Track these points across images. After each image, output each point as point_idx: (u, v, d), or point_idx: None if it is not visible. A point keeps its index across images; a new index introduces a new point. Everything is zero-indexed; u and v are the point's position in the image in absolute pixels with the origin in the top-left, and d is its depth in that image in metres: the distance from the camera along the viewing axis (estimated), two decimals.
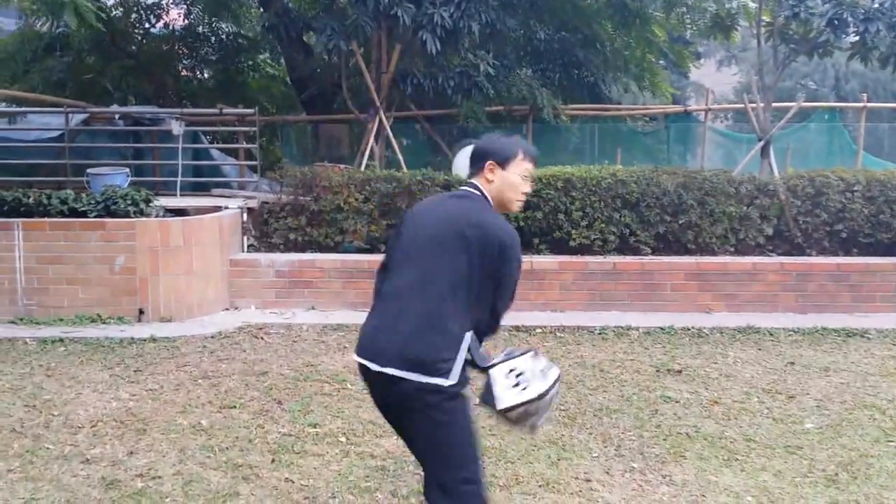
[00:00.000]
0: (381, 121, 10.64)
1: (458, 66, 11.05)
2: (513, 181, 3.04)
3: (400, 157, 10.56)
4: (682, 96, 18.78)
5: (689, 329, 7.58)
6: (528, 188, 3.08)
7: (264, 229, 9.07)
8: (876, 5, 9.48)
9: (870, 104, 12.25)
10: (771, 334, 7.46)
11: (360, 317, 9.00)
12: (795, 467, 4.38)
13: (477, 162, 3.09)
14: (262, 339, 7.14)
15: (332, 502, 3.86)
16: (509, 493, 3.96)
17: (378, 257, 8.38)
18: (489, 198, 3.04)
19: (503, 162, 3.04)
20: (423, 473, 2.89)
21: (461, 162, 9.62)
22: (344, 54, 11.37)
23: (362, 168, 10.01)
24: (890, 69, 9.89)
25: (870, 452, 4.60)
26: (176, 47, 15.87)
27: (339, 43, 10.20)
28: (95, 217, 7.88)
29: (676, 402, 5.48)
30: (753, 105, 9.87)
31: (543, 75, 13.37)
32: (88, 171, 9.48)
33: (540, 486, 4.06)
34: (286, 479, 4.11)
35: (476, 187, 3.06)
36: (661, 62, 16.03)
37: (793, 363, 6.52)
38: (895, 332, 7.59)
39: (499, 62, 11.40)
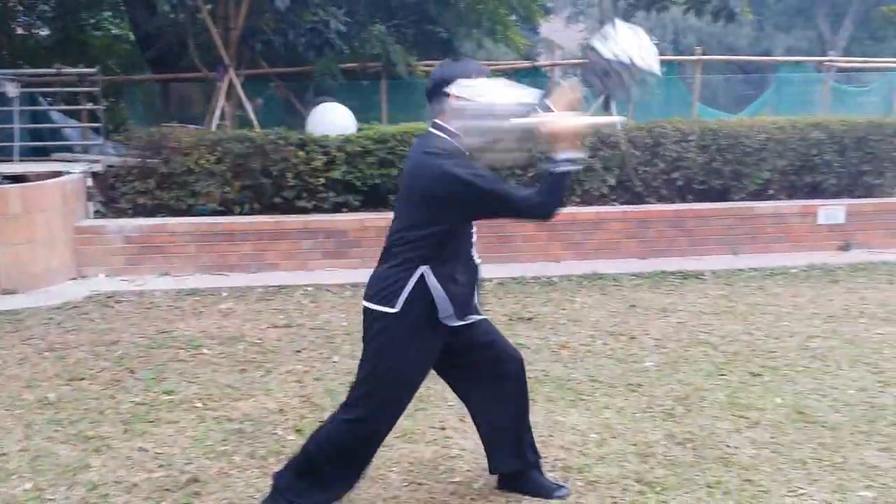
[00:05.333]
0: (231, 79, 10.37)
1: (309, 22, 10.87)
2: None
3: (252, 116, 10.35)
4: (532, 50, 19.07)
5: (539, 278, 7.87)
6: None
7: (111, 194, 8.74)
8: None
9: (704, 57, 12.83)
10: (615, 279, 7.85)
11: (216, 280, 8.71)
12: (636, 403, 4.63)
13: (436, 95, 3.01)
14: (112, 307, 6.94)
15: (188, 468, 3.83)
16: None
17: (234, 219, 8.32)
18: (452, 129, 2.98)
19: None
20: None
21: (316, 118, 9.52)
22: (190, 10, 10.98)
23: (213, 128, 9.77)
24: (722, 23, 10.42)
25: (703, 386, 4.91)
26: (10, 3, 14.88)
27: None
28: None
29: (528, 348, 5.68)
30: None
31: (397, 31, 13.29)
32: None
33: (397, 437, 4.12)
34: (139, 448, 4.06)
35: (435, 125, 3.03)
36: (511, 17, 16.22)
37: (634, 306, 6.90)
38: (727, 272, 8.13)
39: (350, 18, 11.27)
